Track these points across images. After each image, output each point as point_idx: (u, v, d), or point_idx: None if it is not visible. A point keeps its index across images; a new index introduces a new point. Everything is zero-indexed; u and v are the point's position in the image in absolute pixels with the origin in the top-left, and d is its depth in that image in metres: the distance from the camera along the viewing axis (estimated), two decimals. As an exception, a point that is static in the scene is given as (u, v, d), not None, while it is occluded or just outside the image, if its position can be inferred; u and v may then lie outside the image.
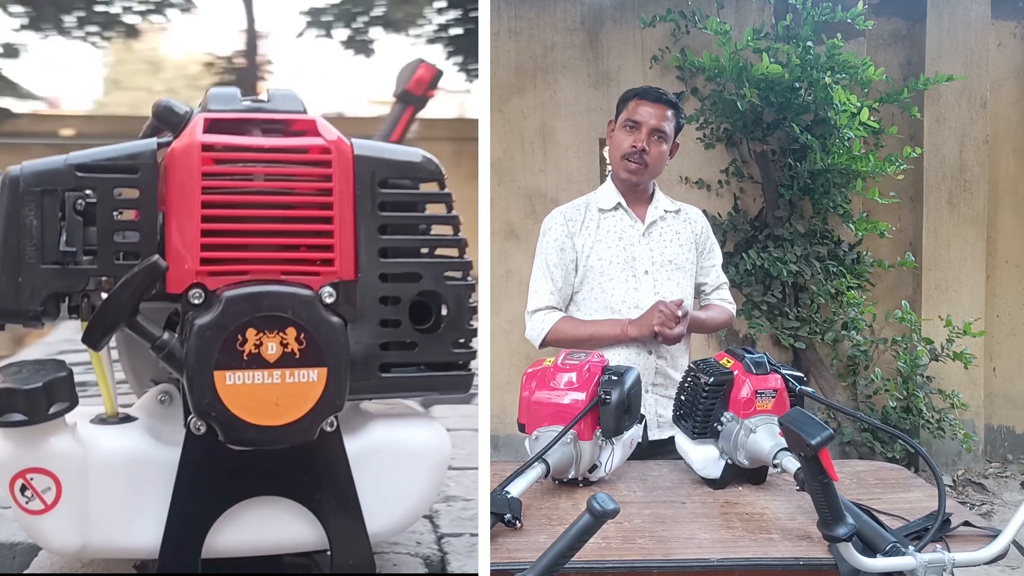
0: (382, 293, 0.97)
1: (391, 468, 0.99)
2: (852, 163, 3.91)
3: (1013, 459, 4.78)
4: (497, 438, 3.93)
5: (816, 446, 1.17)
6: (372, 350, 0.97)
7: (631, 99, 2.13)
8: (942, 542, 1.31)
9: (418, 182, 0.98)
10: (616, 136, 2.13)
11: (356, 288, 0.96)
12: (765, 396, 1.53)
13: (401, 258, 0.97)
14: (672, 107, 2.11)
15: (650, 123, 2.07)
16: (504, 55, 4.46)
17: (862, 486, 1.61)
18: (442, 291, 0.97)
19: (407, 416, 1.03)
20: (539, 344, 2.08)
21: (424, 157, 0.99)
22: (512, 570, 1.13)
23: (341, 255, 0.97)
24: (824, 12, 3.95)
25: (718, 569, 1.27)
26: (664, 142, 2.10)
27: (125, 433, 1.05)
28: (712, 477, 1.57)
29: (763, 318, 4.17)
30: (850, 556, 1.21)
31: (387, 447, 1.00)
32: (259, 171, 1.01)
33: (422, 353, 0.98)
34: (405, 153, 0.99)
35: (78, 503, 1.01)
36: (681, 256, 2.13)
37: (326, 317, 0.93)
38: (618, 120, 2.14)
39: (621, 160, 2.10)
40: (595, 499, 1.00)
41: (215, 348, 0.93)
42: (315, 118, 1.04)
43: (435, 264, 0.97)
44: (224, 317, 0.93)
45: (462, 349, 0.97)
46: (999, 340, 4.81)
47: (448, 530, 1.79)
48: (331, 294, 0.96)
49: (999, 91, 4.74)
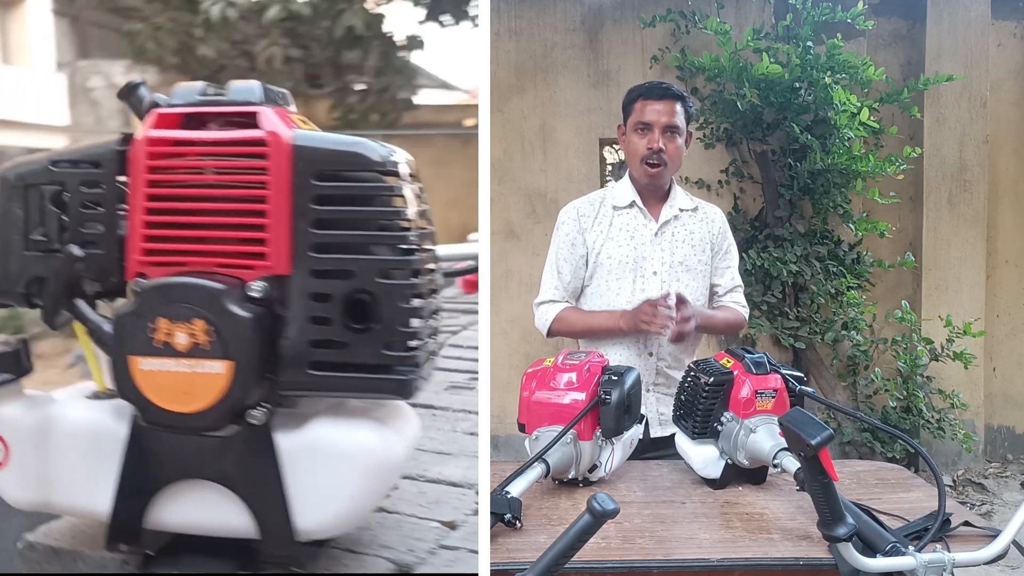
0: (313, 289, 0.95)
1: (323, 468, 0.98)
2: (852, 163, 3.91)
3: (1013, 459, 4.78)
4: (497, 438, 3.92)
5: (816, 446, 1.17)
6: (302, 347, 0.96)
7: (636, 100, 2.10)
8: (942, 542, 1.31)
9: (359, 175, 0.94)
10: (630, 140, 2.11)
11: (289, 283, 0.95)
12: (765, 396, 1.53)
13: (334, 254, 0.95)
14: (679, 99, 2.09)
15: (661, 121, 2.05)
16: (504, 55, 4.46)
17: (862, 486, 1.61)
18: (374, 290, 0.93)
19: (355, 418, 1.01)
20: (546, 333, 2.12)
21: (370, 147, 0.94)
22: (512, 570, 1.13)
23: (275, 249, 0.96)
24: (824, 12, 3.95)
25: (718, 569, 1.27)
26: (678, 136, 2.08)
27: (94, 407, 1.11)
28: (712, 477, 1.57)
29: (763, 318, 4.17)
30: (850, 556, 1.21)
31: (320, 447, 0.99)
32: (207, 164, 1.03)
33: (352, 353, 0.95)
34: (350, 144, 0.95)
35: (31, 464, 1.10)
36: (693, 257, 2.10)
37: (233, 311, 0.92)
38: (628, 123, 2.12)
39: (641, 164, 2.08)
40: (595, 499, 1.00)
41: (131, 335, 0.97)
42: (258, 110, 1.03)
43: (369, 261, 0.93)
44: (139, 307, 0.97)
45: (394, 352, 0.93)
46: (999, 340, 4.81)
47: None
48: (260, 288, 0.95)
49: (999, 91, 4.74)
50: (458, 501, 1.46)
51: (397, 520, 1.32)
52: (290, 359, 0.97)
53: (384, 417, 1.06)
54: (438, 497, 1.49)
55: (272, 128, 0.99)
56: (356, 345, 0.95)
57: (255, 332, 0.94)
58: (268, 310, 0.96)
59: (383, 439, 1.01)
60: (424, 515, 1.39)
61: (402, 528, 1.31)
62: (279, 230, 0.96)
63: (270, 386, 0.99)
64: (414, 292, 0.94)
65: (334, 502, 0.98)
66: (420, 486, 1.61)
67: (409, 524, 1.29)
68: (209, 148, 1.03)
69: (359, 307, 0.95)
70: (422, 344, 0.96)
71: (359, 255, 0.94)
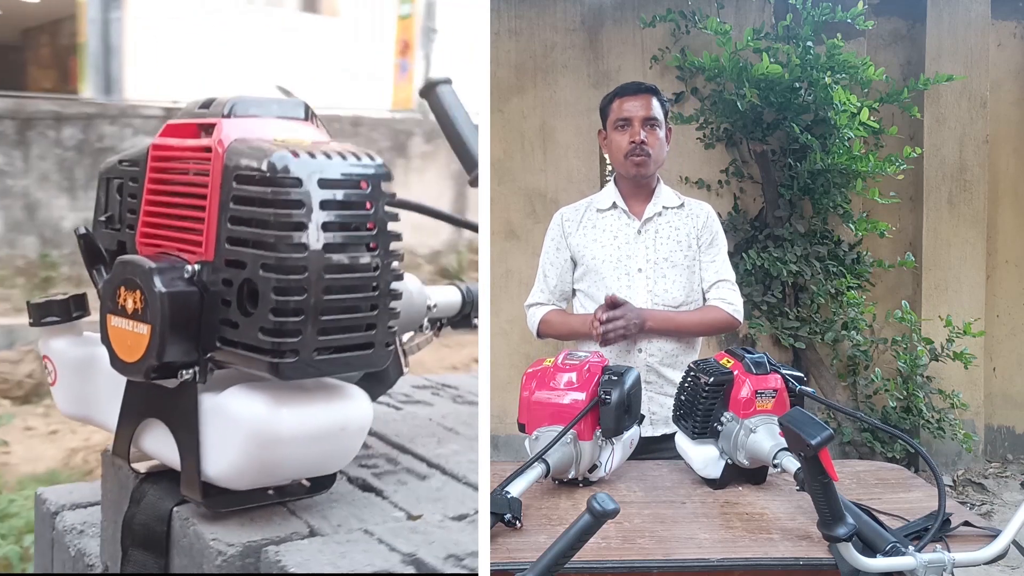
0: (223, 275, 1.12)
1: (221, 426, 1.17)
2: (852, 163, 3.91)
3: (1013, 459, 4.78)
4: (497, 438, 3.93)
5: (816, 446, 1.17)
6: (214, 323, 1.14)
7: (612, 101, 2.16)
8: (942, 542, 1.31)
9: (262, 179, 1.09)
10: (612, 139, 2.15)
11: (212, 268, 1.14)
12: (765, 396, 1.53)
13: (237, 247, 1.11)
14: (654, 94, 2.15)
15: (639, 115, 2.10)
16: (504, 55, 4.47)
17: (862, 486, 1.61)
18: (257, 281, 1.08)
19: (259, 390, 1.16)
20: (536, 335, 2.22)
21: (279, 158, 1.09)
22: (512, 570, 1.13)
23: (207, 239, 1.14)
24: (824, 12, 3.95)
25: (718, 569, 1.27)
26: (658, 128, 2.12)
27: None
28: (712, 477, 1.57)
29: (763, 318, 4.17)
30: (850, 556, 1.21)
31: (222, 408, 1.16)
32: (189, 167, 1.21)
33: (241, 333, 1.11)
34: (262, 153, 1.10)
35: (76, 386, 1.40)
36: (678, 253, 2.11)
37: (156, 286, 1.12)
38: (608, 124, 2.16)
39: (625, 159, 2.11)
40: (595, 499, 1.00)
41: (107, 297, 1.21)
42: (218, 120, 1.20)
43: (256, 255, 1.08)
44: (112, 276, 1.21)
45: (267, 336, 1.07)
46: (999, 340, 4.81)
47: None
48: (190, 271, 1.14)
49: (999, 91, 4.74)
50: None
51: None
52: (207, 332, 1.15)
53: (299, 394, 1.19)
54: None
55: (220, 137, 1.17)
56: (244, 326, 1.10)
57: (170, 304, 1.12)
58: (199, 289, 1.14)
59: (272, 411, 1.14)
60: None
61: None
62: (211, 223, 1.14)
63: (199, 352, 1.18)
64: (297, 285, 1.07)
65: (225, 456, 1.16)
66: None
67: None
68: (181, 153, 1.23)
69: (254, 294, 1.11)
70: (305, 334, 1.09)
71: (252, 249, 1.09)
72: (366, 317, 1.14)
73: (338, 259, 1.11)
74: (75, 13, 10.43)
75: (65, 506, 1.59)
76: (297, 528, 1.22)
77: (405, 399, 1.89)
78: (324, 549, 1.15)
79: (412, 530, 1.21)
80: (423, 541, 1.16)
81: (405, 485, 1.38)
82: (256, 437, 1.14)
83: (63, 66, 12.50)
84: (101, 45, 10.04)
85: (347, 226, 1.12)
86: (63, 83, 12.17)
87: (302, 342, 1.08)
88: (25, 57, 15.38)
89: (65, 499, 1.61)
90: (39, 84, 14.33)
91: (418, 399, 1.90)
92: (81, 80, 10.58)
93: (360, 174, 1.14)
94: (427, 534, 1.19)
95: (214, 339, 1.14)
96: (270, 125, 1.22)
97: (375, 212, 1.15)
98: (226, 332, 1.12)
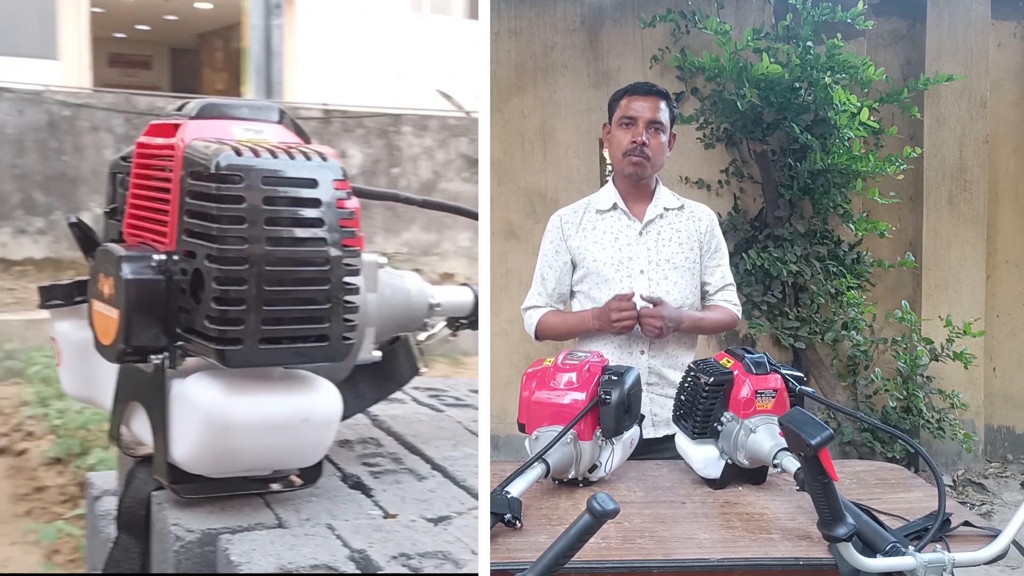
0: (181, 265, 1.18)
1: (182, 411, 1.21)
2: (852, 163, 3.91)
3: (1013, 459, 4.78)
4: (497, 438, 3.93)
5: (816, 446, 1.17)
6: (174, 310, 1.19)
7: (622, 98, 2.15)
8: (942, 542, 1.31)
9: (207, 175, 1.16)
10: (614, 135, 2.15)
11: (174, 258, 1.20)
12: (765, 396, 1.53)
13: (189, 238, 1.18)
14: (664, 98, 2.14)
15: (645, 116, 2.09)
16: (504, 55, 4.46)
17: (862, 486, 1.61)
18: (203, 271, 1.14)
19: (219, 378, 1.21)
20: (534, 336, 2.21)
21: (225, 156, 1.15)
22: (512, 570, 1.13)
23: (170, 231, 1.21)
24: (824, 12, 3.95)
25: (718, 569, 1.27)
26: (662, 133, 2.12)
27: None
28: (712, 477, 1.57)
29: (763, 318, 4.17)
30: (850, 556, 1.21)
31: (185, 393, 1.21)
32: (160, 163, 1.28)
33: (191, 320, 1.17)
34: (208, 153, 1.16)
35: (80, 368, 1.44)
36: (680, 255, 2.12)
37: (124, 273, 1.18)
38: (613, 120, 2.16)
39: (623, 157, 2.11)
40: (595, 499, 1.00)
41: (92, 283, 1.27)
42: (183, 122, 1.28)
43: (204, 247, 1.14)
44: (96, 263, 1.27)
45: (212, 324, 1.13)
46: (999, 340, 4.81)
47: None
48: (156, 261, 1.20)
49: (999, 91, 4.74)
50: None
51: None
52: (171, 317, 1.20)
53: (258, 383, 1.23)
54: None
55: (183, 136, 1.24)
56: (194, 314, 1.16)
57: (136, 290, 1.18)
58: (165, 277, 1.19)
59: (227, 398, 1.19)
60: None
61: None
62: (173, 216, 1.21)
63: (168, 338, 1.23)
64: (237, 276, 1.12)
65: (186, 440, 1.20)
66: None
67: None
68: (157, 151, 1.29)
69: (202, 283, 1.17)
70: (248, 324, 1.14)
71: (200, 241, 1.15)
72: (317, 310, 1.19)
73: (282, 252, 1.16)
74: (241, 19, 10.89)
75: (107, 491, 1.62)
76: (264, 519, 1.23)
77: (440, 399, 1.91)
78: (277, 541, 1.16)
79: (376, 528, 1.22)
80: (381, 539, 1.18)
81: (398, 485, 1.39)
82: (209, 422, 1.18)
83: (234, 69, 12.89)
84: (263, 49, 10.62)
85: (293, 221, 1.18)
86: (234, 85, 12.58)
87: (245, 331, 1.14)
88: (200, 60, 15.88)
89: (110, 485, 1.64)
90: (212, 86, 15.00)
91: (454, 400, 1.92)
92: (244, 82, 10.92)
93: (309, 173, 1.20)
94: (389, 533, 1.20)
95: (173, 326, 1.20)
96: (236, 127, 1.31)
97: (324, 210, 1.20)
98: (182, 319, 1.19)
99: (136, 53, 16.40)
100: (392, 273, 1.54)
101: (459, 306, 1.63)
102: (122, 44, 16.03)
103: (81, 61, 10.71)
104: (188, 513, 1.23)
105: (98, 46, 11.81)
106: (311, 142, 1.38)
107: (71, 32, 10.55)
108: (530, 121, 4.49)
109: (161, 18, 14.68)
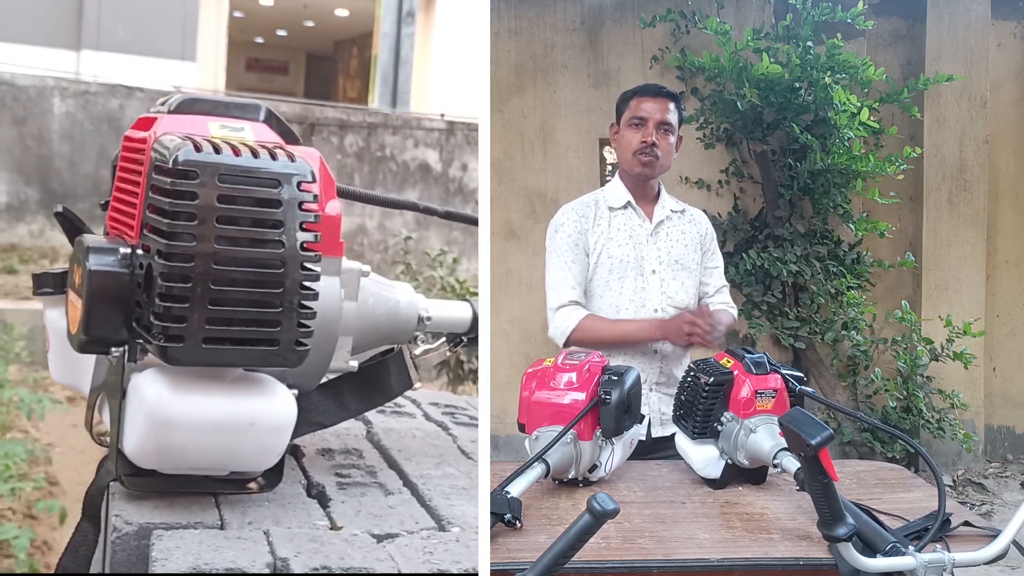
0: (139, 260, 1.18)
1: (133, 404, 1.21)
2: (852, 163, 3.91)
3: (1013, 459, 4.78)
4: (497, 438, 3.93)
5: (816, 446, 1.17)
6: (131, 304, 1.19)
7: (632, 98, 2.16)
8: (942, 542, 1.31)
9: (164, 171, 1.15)
10: (623, 135, 2.15)
11: (136, 252, 1.20)
12: (765, 396, 1.53)
13: (149, 232, 1.17)
14: (673, 99, 2.16)
15: (655, 117, 2.11)
16: (504, 55, 4.46)
17: (862, 486, 1.61)
18: (153, 266, 1.14)
19: (170, 375, 1.20)
20: (563, 343, 2.05)
21: (185, 152, 1.13)
22: (512, 570, 1.13)
23: (137, 224, 1.21)
24: (824, 12, 3.95)
25: (718, 569, 1.27)
26: (671, 134, 2.14)
27: None
28: (712, 477, 1.57)
29: (763, 318, 4.17)
30: (850, 556, 1.21)
31: (137, 388, 1.21)
32: (139, 158, 1.26)
33: (142, 315, 1.17)
34: (169, 148, 1.15)
35: (67, 355, 1.40)
36: (687, 256, 2.16)
37: (89, 264, 1.17)
38: (621, 120, 2.17)
39: (633, 157, 2.12)
40: (595, 499, 1.00)
41: (71, 274, 1.28)
42: (157, 116, 1.29)
43: (153, 240, 1.14)
44: (73, 254, 1.27)
45: (156, 320, 1.12)
46: (999, 340, 4.80)
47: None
48: (123, 253, 1.19)
49: (999, 91, 4.74)
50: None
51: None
52: (130, 310, 1.20)
53: (206, 383, 1.22)
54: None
55: (154, 130, 1.24)
56: (144, 308, 1.16)
57: (98, 281, 1.18)
58: (128, 271, 1.19)
59: (171, 395, 1.18)
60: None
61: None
62: (139, 209, 1.20)
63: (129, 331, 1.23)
64: (181, 273, 1.12)
65: (135, 434, 1.20)
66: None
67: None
68: (136, 145, 1.29)
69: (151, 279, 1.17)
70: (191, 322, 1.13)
71: (154, 235, 1.15)
72: (268, 313, 1.15)
73: (233, 252, 1.13)
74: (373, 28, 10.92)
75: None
76: (206, 519, 1.22)
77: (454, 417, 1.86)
78: (205, 542, 1.15)
79: (312, 539, 1.19)
80: (310, 550, 1.15)
81: (360, 498, 1.36)
82: (151, 417, 1.18)
83: (366, 77, 12.86)
84: (392, 58, 10.58)
85: (247, 221, 1.14)
86: (366, 93, 12.50)
87: (188, 329, 1.12)
88: (336, 67, 15.87)
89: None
90: (346, 93, 15.01)
91: (468, 419, 1.86)
92: (371, 91, 10.91)
93: (272, 173, 1.16)
94: (322, 545, 1.17)
95: (130, 320, 1.19)
96: (214, 123, 1.29)
97: (283, 211, 1.16)
98: (136, 313, 1.18)
99: (274, 58, 16.22)
100: (380, 283, 1.49)
101: (455, 322, 1.57)
102: (261, 49, 15.88)
103: (217, 64, 10.59)
104: (133, 506, 1.23)
105: (237, 50, 11.60)
106: (299, 143, 1.35)
107: (210, 35, 10.41)
108: (530, 121, 4.49)
109: (300, 24, 14.43)
